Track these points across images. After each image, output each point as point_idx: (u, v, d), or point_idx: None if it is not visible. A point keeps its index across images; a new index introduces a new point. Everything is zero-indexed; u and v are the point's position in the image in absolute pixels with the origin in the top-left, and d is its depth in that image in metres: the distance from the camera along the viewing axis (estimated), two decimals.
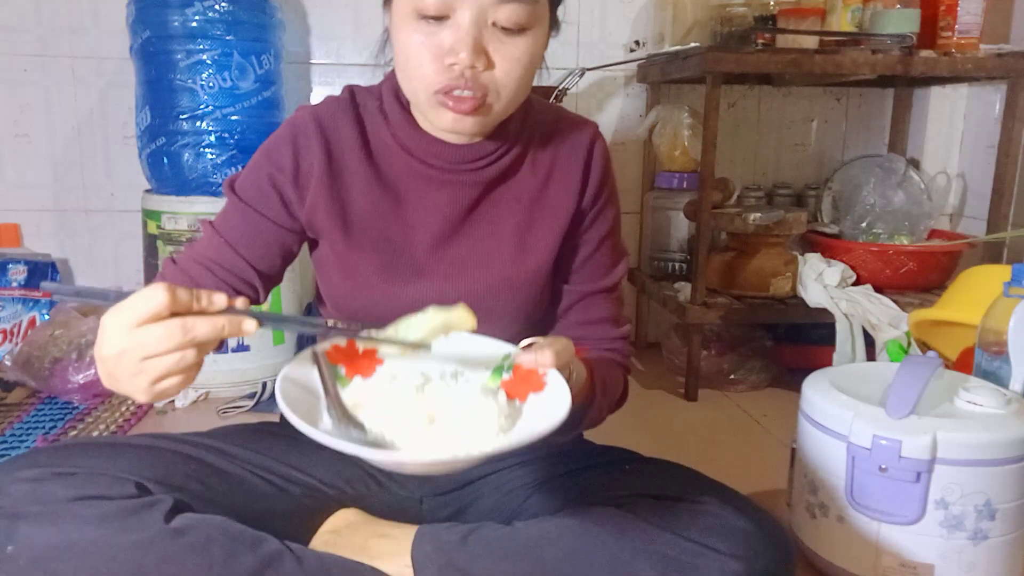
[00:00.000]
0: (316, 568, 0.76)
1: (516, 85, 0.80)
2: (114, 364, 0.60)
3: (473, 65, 0.76)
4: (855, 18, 1.75)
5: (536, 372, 0.70)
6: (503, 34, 0.77)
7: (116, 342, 0.59)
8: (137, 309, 0.59)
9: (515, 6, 0.76)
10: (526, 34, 0.78)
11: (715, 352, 1.90)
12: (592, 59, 2.03)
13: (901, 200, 2.01)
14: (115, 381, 0.63)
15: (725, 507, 0.78)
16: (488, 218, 0.90)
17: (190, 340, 0.59)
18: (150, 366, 0.59)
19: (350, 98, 0.91)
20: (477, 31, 0.75)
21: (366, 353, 0.75)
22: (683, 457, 0.95)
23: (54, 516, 0.71)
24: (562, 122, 0.93)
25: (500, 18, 0.76)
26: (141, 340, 0.59)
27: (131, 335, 0.59)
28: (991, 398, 1.01)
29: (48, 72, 1.94)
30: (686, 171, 2.00)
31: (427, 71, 0.78)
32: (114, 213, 2.00)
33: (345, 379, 0.73)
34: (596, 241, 0.95)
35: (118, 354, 0.60)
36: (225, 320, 0.61)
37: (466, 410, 0.68)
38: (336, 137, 0.88)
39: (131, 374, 0.60)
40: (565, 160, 0.92)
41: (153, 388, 0.61)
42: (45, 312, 1.89)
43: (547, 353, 0.69)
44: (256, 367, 1.76)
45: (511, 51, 0.78)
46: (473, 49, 0.75)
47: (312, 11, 2.00)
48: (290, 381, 0.67)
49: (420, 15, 0.76)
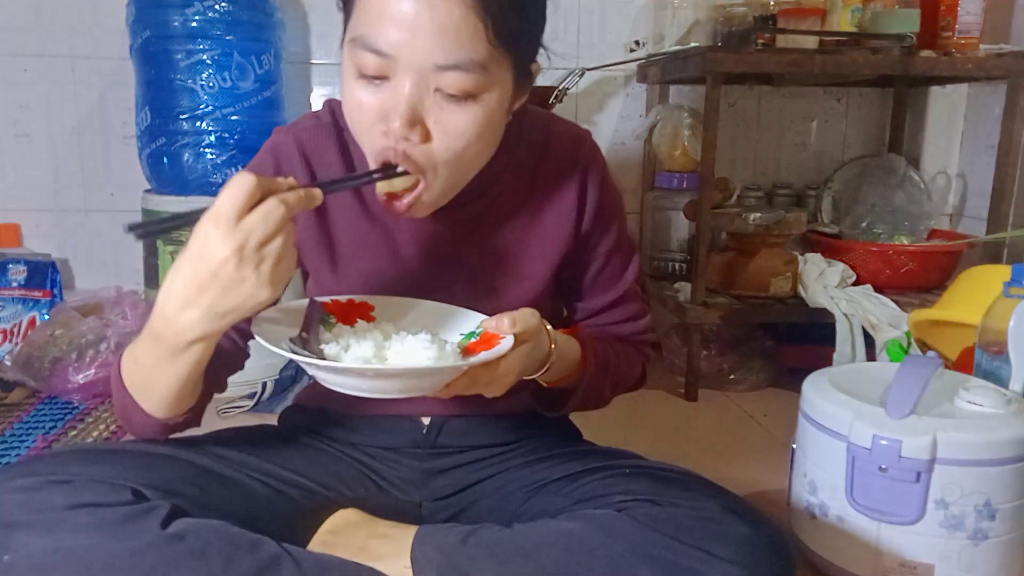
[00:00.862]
0: (315, 570, 0.75)
1: (457, 160, 0.74)
2: (236, 262, 0.61)
3: (406, 137, 0.71)
4: (855, 18, 1.75)
5: (497, 336, 0.75)
6: (447, 102, 0.71)
7: (229, 241, 0.61)
8: (236, 201, 0.61)
9: (458, 74, 0.70)
10: (474, 102, 0.72)
11: (715, 352, 1.90)
12: (592, 59, 2.03)
13: (901, 200, 2.01)
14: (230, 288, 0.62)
15: (726, 512, 0.78)
16: (481, 248, 0.89)
17: (289, 213, 0.62)
18: (268, 251, 0.62)
19: (332, 119, 0.88)
20: (417, 98, 0.70)
21: (360, 309, 0.80)
22: (683, 457, 0.95)
23: (50, 524, 0.70)
24: (553, 137, 0.90)
25: (444, 84, 0.70)
26: (251, 227, 0.61)
27: (240, 228, 0.61)
28: (991, 398, 1.01)
29: (48, 72, 1.94)
30: (686, 171, 2.00)
31: (365, 134, 0.75)
32: (114, 213, 2.00)
33: (331, 324, 0.79)
34: (604, 256, 0.94)
35: (236, 249, 0.61)
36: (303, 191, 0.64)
37: (410, 352, 0.73)
38: (320, 165, 0.86)
39: (254, 265, 0.62)
40: (558, 182, 0.90)
41: (275, 273, 0.63)
42: (45, 312, 1.89)
43: (504, 320, 0.74)
44: (256, 367, 1.74)
45: (454, 122, 0.72)
46: (408, 119, 0.70)
47: (312, 11, 2.00)
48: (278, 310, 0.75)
49: (360, 73, 0.72)
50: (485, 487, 0.93)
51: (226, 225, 0.61)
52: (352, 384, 0.69)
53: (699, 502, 0.79)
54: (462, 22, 0.68)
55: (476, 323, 0.80)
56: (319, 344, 0.75)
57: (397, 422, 0.94)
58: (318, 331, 0.76)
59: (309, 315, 0.77)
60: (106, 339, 1.71)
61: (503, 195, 0.88)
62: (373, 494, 0.93)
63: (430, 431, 0.94)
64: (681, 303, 1.80)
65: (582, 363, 0.89)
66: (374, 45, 0.69)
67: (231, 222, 0.61)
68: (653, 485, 0.83)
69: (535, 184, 0.90)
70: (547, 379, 0.86)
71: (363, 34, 0.70)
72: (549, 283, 0.92)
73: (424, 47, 0.69)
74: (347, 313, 0.81)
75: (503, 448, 0.95)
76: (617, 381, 0.96)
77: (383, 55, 0.70)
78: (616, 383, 0.96)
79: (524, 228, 0.90)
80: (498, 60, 0.73)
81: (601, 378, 0.92)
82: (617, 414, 1.66)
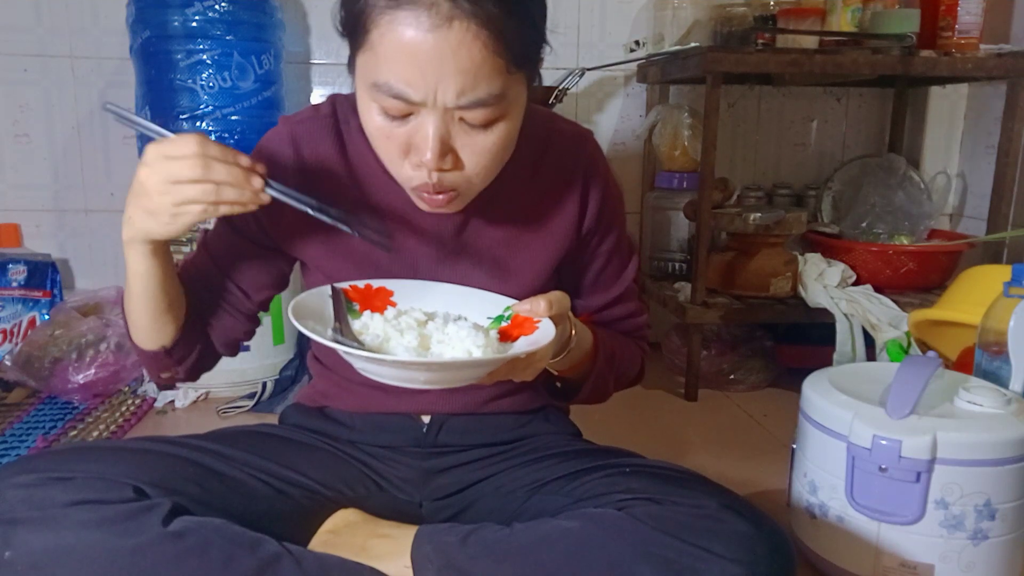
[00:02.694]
0: (315, 569, 0.75)
1: (489, 171, 0.77)
2: (146, 178, 0.72)
3: (439, 168, 0.73)
4: (855, 18, 1.75)
5: (531, 320, 0.76)
6: (472, 129, 0.73)
7: (152, 163, 0.72)
8: (174, 147, 0.71)
9: (482, 109, 0.71)
10: (498, 124, 0.74)
11: (715, 352, 1.90)
12: (592, 59, 2.03)
13: (901, 200, 2.01)
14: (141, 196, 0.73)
15: (726, 510, 0.78)
16: (480, 240, 0.89)
17: (207, 175, 0.71)
18: (176, 190, 0.71)
19: (331, 112, 0.89)
20: (444, 132, 0.72)
21: (380, 295, 0.81)
22: (683, 457, 0.95)
23: (52, 521, 0.71)
24: (555, 135, 0.91)
25: (468, 117, 0.72)
26: (171, 167, 0.71)
27: (164, 163, 0.71)
28: (991, 398, 1.01)
29: (48, 72, 1.94)
30: (686, 171, 2.00)
31: (398, 167, 0.76)
32: (114, 213, 2.01)
33: (356, 312, 0.80)
34: (606, 255, 0.95)
35: (151, 171, 0.72)
36: (240, 171, 0.73)
37: (458, 341, 0.75)
38: (314, 157, 0.87)
39: (159, 192, 0.72)
40: (560, 179, 0.90)
41: (177, 208, 0.72)
42: (45, 312, 1.89)
43: (541, 302, 0.75)
44: (256, 367, 1.76)
45: (482, 144, 0.74)
46: (438, 152, 0.72)
47: (312, 11, 2.00)
48: (305, 303, 0.77)
49: (386, 113, 0.73)
50: (485, 487, 0.93)
51: (158, 154, 0.72)
52: (405, 376, 0.70)
53: (699, 500, 0.79)
54: (483, 63, 0.69)
55: (497, 305, 0.80)
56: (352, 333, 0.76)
57: (397, 421, 0.94)
58: (347, 320, 0.77)
59: (337, 304, 0.78)
60: (106, 339, 1.71)
61: (504, 189, 0.89)
62: (373, 493, 0.93)
63: (430, 430, 0.94)
64: (681, 303, 1.80)
65: (593, 352, 0.90)
66: (401, 94, 0.70)
67: (162, 155, 0.71)
68: (653, 484, 0.83)
69: (536, 178, 0.90)
70: (563, 366, 0.87)
71: (386, 82, 0.70)
72: (550, 278, 0.92)
73: (448, 90, 0.69)
74: (368, 299, 0.82)
75: (503, 447, 0.95)
76: (620, 373, 0.97)
77: (410, 101, 0.71)
78: (619, 375, 0.97)
79: (525, 222, 0.90)
80: (516, 82, 0.74)
81: (608, 369, 0.93)
82: (617, 414, 1.66)
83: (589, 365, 0.90)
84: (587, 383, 0.91)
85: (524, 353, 0.72)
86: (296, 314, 0.73)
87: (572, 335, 0.83)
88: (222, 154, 0.72)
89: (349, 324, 0.77)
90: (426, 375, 0.70)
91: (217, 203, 0.72)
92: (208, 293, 0.91)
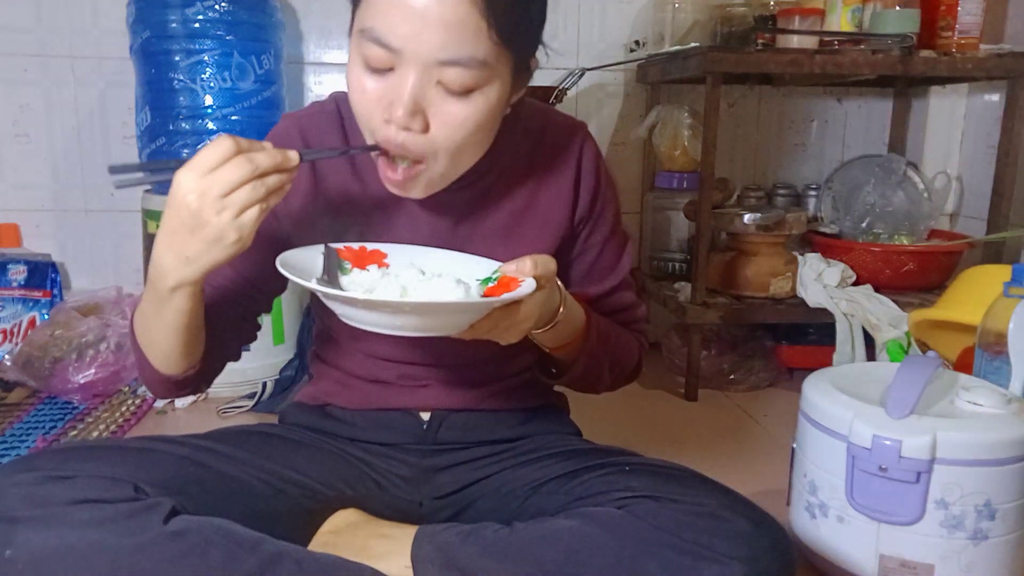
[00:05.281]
0: (315, 569, 0.75)
1: (456, 148, 0.77)
2: (198, 206, 0.67)
3: (408, 127, 0.74)
4: (855, 18, 1.75)
5: (516, 280, 0.76)
6: (449, 94, 0.74)
7: (194, 186, 0.67)
8: (209, 157, 0.67)
9: (460, 70, 0.72)
10: (474, 95, 0.75)
11: (715, 352, 1.90)
12: (592, 59, 2.03)
13: (901, 200, 2.01)
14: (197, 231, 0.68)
15: (726, 509, 0.78)
16: (477, 230, 0.91)
17: (256, 169, 0.67)
18: (231, 200, 0.67)
19: (335, 108, 0.91)
20: (419, 90, 0.73)
21: (374, 256, 0.82)
22: (683, 457, 0.95)
23: (52, 520, 0.71)
24: (550, 127, 0.93)
25: (446, 79, 0.73)
26: (218, 178, 0.67)
27: (207, 178, 0.67)
28: (991, 398, 1.01)
29: (48, 72, 1.94)
30: (686, 171, 2.00)
31: (367, 119, 0.77)
32: (114, 213, 2.00)
33: (346, 269, 0.80)
34: (599, 245, 0.96)
35: (199, 194, 0.67)
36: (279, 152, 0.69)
37: (440, 293, 0.75)
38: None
39: (216, 211, 0.67)
40: (554, 169, 0.92)
41: (238, 220, 0.68)
42: (45, 312, 1.89)
43: (527, 262, 0.75)
44: (256, 367, 1.76)
45: (454, 114, 0.75)
46: (410, 109, 0.73)
47: (312, 11, 2.00)
48: (295, 256, 0.76)
49: (367, 64, 0.74)
50: (485, 486, 0.93)
51: (195, 174, 0.67)
52: (383, 321, 0.70)
53: (699, 499, 0.79)
54: (467, 20, 0.71)
55: (490, 270, 0.81)
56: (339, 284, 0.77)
57: (398, 418, 0.94)
58: (336, 275, 0.78)
59: (327, 259, 0.79)
60: (106, 339, 1.71)
61: (500, 180, 0.90)
62: (373, 492, 0.93)
63: (430, 426, 0.94)
64: (681, 303, 1.80)
65: (585, 330, 0.90)
66: (382, 38, 0.72)
67: (200, 172, 0.67)
68: (653, 482, 0.83)
69: (532, 170, 0.91)
70: (552, 340, 0.87)
71: (371, 27, 0.72)
72: None
73: (429, 41, 0.71)
74: (361, 259, 0.82)
75: (503, 445, 0.96)
76: (615, 361, 0.96)
77: (390, 48, 0.72)
78: (614, 363, 0.96)
79: (520, 212, 0.91)
80: (499, 57, 0.75)
81: (602, 350, 0.93)
82: (617, 414, 1.66)
83: (581, 343, 0.90)
84: (579, 362, 0.91)
85: (502, 302, 0.72)
86: (284, 264, 0.73)
87: (560, 307, 0.83)
88: (251, 144, 0.69)
89: (337, 278, 0.78)
90: (402, 319, 0.70)
91: (268, 196, 0.70)
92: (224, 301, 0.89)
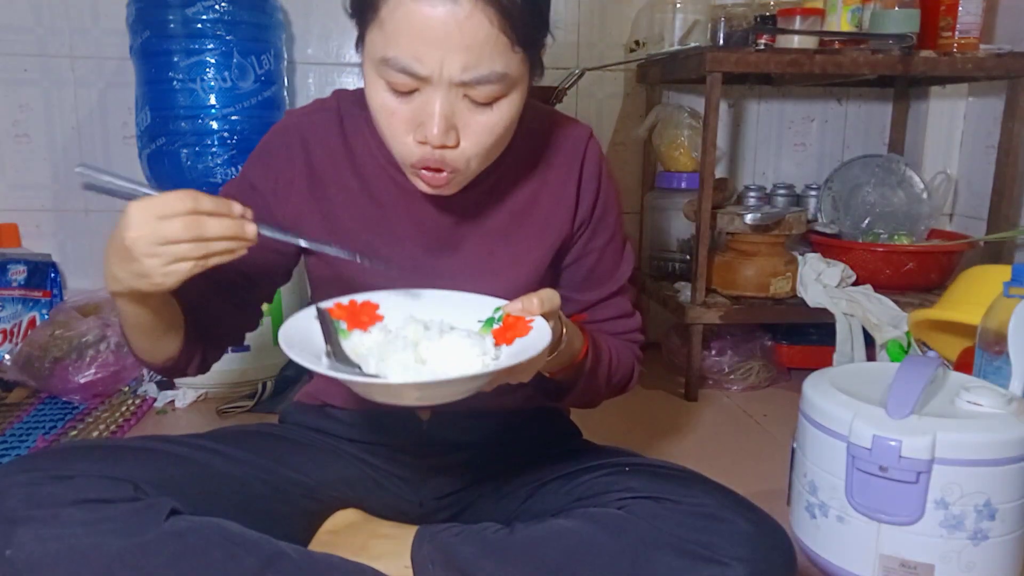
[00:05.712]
0: (315, 569, 0.76)
1: (488, 151, 0.78)
2: (132, 242, 0.67)
3: (443, 144, 0.74)
4: (855, 18, 1.75)
5: (523, 319, 0.74)
6: (475, 106, 0.74)
7: (137, 224, 0.67)
8: (162, 206, 0.67)
9: (487, 86, 0.73)
10: (500, 102, 0.75)
11: (715, 352, 1.90)
12: (592, 59, 2.03)
13: (901, 200, 2.01)
14: (128, 261, 0.68)
15: (726, 509, 0.78)
16: (477, 230, 0.90)
17: (201, 236, 0.67)
18: (166, 250, 0.67)
19: (336, 107, 0.91)
20: (448, 108, 0.73)
21: (367, 310, 0.79)
22: (683, 457, 0.95)
23: (52, 520, 0.71)
24: (554, 128, 0.92)
25: (472, 94, 0.73)
26: (160, 228, 0.66)
27: (152, 223, 0.66)
28: (991, 398, 1.01)
29: (48, 72, 1.94)
30: (686, 171, 2.00)
31: (400, 142, 0.77)
32: (114, 213, 1.99)
33: (345, 332, 0.78)
34: (599, 250, 0.95)
35: (138, 235, 0.67)
36: (234, 223, 0.68)
37: (455, 351, 0.73)
38: (319, 148, 0.88)
39: (147, 255, 0.67)
40: (556, 171, 0.91)
41: (166, 269, 0.68)
42: (45, 312, 1.89)
43: (533, 300, 0.74)
44: (256, 367, 1.76)
45: (482, 123, 0.75)
46: (443, 129, 0.73)
47: (312, 11, 2.00)
48: (293, 329, 0.74)
49: (392, 88, 0.74)
50: (485, 486, 0.93)
51: (144, 214, 0.67)
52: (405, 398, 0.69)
53: (699, 499, 0.79)
54: (488, 38, 0.71)
55: (486, 307, 0.78)
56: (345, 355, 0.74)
57: (397, 419, 0.94)
58: (338, 341, 0.75)
59: (325, 327, 0.76)
60: (106, 339, 1.71)
61: (503, 181, 0.89)
62: (374, 493, 0.93)
63: (431, 427, 0.94)
64: (681, 303, 1.80)
65: (583, 352, 0.88)
66: (408, 68, 0.71)
67: (149, 214, 0.67)
68: (653, 482, 0.83)
69: (535, 171, 0.91)
70: (553, 366, 0.86)
71: (394, 56, 0.71)
72: (547, 270, 0.92)
73: (454, 64, 0.71)
74: (355, 316, 0.79)
75: (503, 446, 0.95)
76: (611, 378, 0.96)
77: (416, 76, 0.72)
78: (611, 380, 0.95)
79: (521, 212, 0.90)
80: (520, 62, 0.75)
81: (599, 371, 0.92)
82: (617, 414, 1.66)
83: (579, 366, 0.89)
84: (577, 384, 0.90)
85: (527, 360, 0.70)
86: (287, 343, 0.71)
87: (563, 334, 0.82)
88: (215, 207, 0.68)
89: (340, 346, 0.75)
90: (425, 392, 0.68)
91: (208, 256, 0.69)
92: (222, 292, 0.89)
